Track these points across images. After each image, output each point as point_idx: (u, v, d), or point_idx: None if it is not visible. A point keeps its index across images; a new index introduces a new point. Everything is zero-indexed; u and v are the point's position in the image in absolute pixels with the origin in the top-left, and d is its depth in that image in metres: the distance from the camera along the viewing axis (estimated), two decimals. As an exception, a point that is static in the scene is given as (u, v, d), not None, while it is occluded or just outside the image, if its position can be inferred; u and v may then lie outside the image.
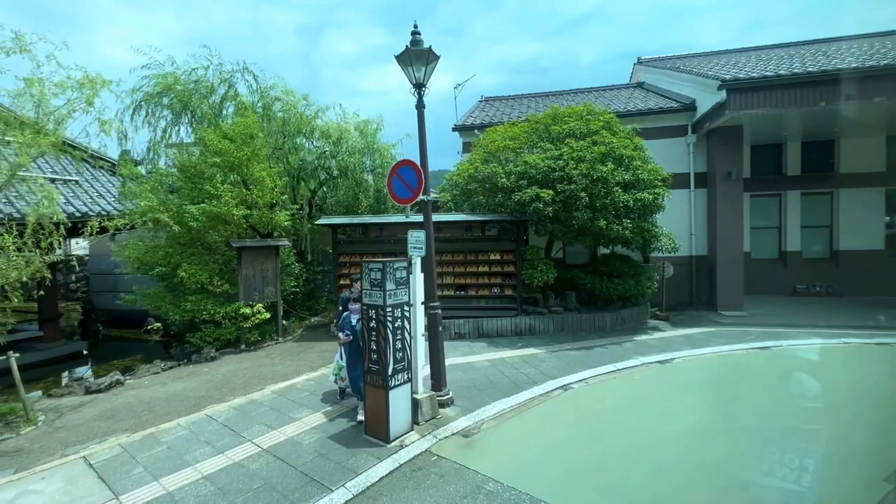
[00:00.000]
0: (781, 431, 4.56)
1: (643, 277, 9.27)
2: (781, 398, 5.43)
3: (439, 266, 9.01)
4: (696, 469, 3.97)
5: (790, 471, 3.83)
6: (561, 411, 5.33)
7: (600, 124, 8.56)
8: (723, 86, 9.10)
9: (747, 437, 4.51)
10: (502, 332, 8.64)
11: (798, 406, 5.21)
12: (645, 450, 4.30)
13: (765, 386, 5.89)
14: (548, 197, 7.76)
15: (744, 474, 3.86)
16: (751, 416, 4.97)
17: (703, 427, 4.74)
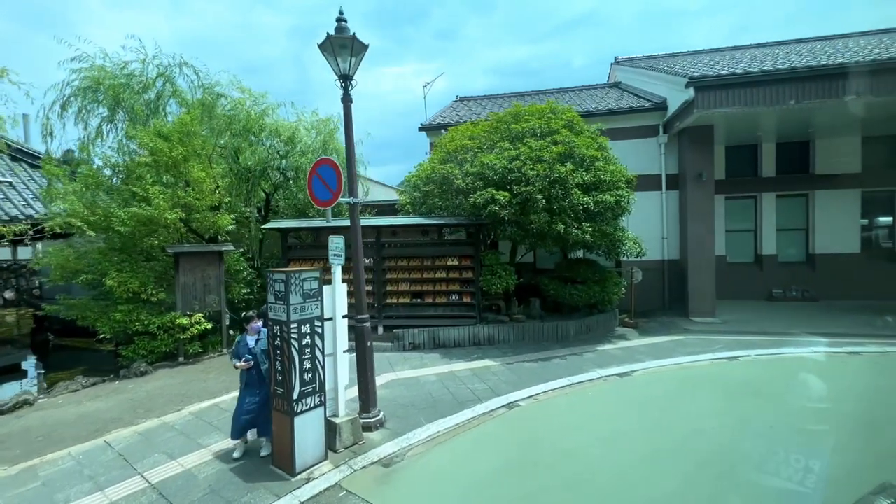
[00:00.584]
0: (740, 455, 4.13)
1: (610, 283, 8.86)
2: (743, 416, 5.01)
3: (394, 272, 8.55)
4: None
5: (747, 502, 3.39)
6: (499, 434, 4.86)
7: (561, 123, 8.14)
8: (690, 83, 8.74)
9: (704, 463, 4.07)
10: (459, 343, 8.17)
11: (760, 426, 4.79)
12: (586, 482, 3.84)
13: (727, 401, 5.47)
14: (504, 199, 7.32)
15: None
16: (709, 437, 4.53)
17: (655, 452, 4.29)
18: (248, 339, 4.31)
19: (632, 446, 4.43)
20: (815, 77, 8.24)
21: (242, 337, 4.37)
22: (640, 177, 10.91)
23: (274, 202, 10.23)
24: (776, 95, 8.45)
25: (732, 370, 6.65)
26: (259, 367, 4.22)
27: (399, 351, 8.02)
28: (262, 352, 4.17)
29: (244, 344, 4.29)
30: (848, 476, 3.70)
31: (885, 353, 7.11)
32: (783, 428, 4.66)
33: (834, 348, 7.41)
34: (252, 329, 4.33)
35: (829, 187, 11.63)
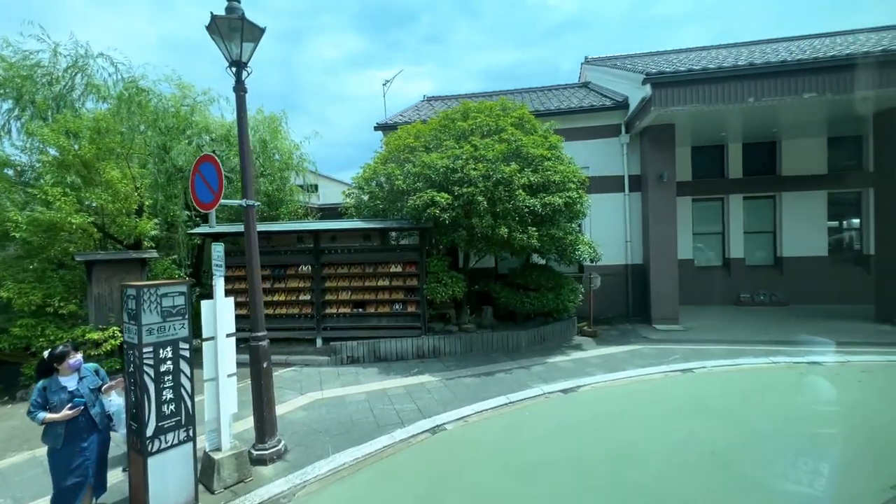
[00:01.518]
0: (673, 488, 3.63)
1: (565, 290, 8.38)
2: (685, 439, 4.53)
3: (333, 280, 7.97)
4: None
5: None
6: (410, 466, 4.30)
7: (509, 121, 7.66)
8: (647, 80, 8.34)
9: (630, 497, 3.57)
10: (402, 356, 7.61)
11: (701, 451, 4.31)
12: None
13: (670, 422, 4.99)
14: (444, 201, 6.80)
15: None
16: (641, 466, 4.04)
17: (577, 485, 3.78)
18: (64, 380, 3.29)
19: (553, 478, 3.91)
20: (774, 74, 7.89)
21: (51, 380, 3.26)
22: (602, 178, 10.56)
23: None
24: (735, 93, 8.09)
25: (684, 385, 6.20)
26: (89, 412, 3.31)
27: (336, 365, 7.44)
28: (92, 391, 3.39)
29: (57, 389, 3.23)
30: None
31: (845, 363, 6.73)
32: (725, 453, 4.18)
33: (794, 358, 7.02)
34: (70, 366, 3.29)
35: (795, 189, 11.36)
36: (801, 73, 7.83)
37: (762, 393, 5.74)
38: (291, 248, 8.12)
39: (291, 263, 8.03)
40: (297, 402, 5.92)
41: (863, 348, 7.43)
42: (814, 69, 7.76)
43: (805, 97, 7.87)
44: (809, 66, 7.75)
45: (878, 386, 5.77)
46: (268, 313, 8.02)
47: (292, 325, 8.02)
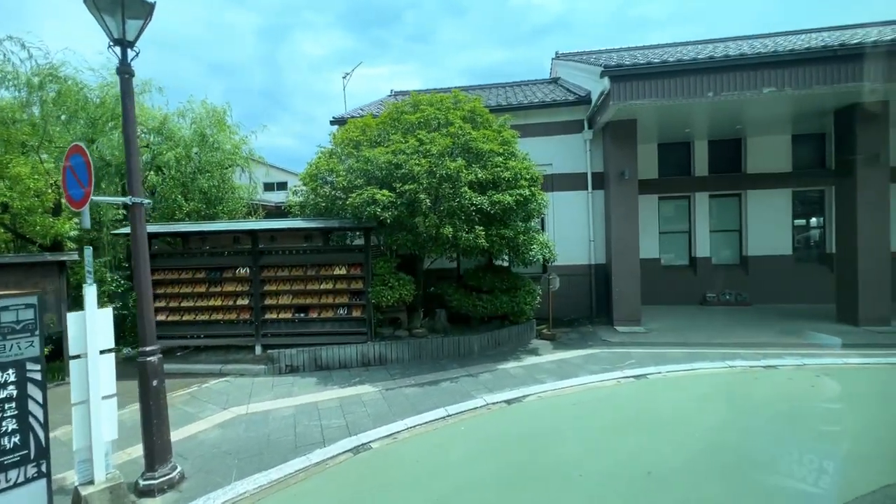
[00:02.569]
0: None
1: (521, 292, 8.02)
2: (625, 458, 4.18)
3: (273, 283, 7.45)
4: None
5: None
6: (322, 492, 3.86)
7: (459, 114, 7.25)
8: (605, 72, 8.02)
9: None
10: (346, 363, 7.15)
11: (638, 471, 3.96)
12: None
13: (613, 437, 4.65)
14: (385, 199, 6.35)
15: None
16: (573, 491, 3.67)
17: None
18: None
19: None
20: (733, 68, 7.65)
21: None
22: (565, 175, 10.25)
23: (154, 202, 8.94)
24: (695, 87, 7.82)
25: (635, 393, 5.89)
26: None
27: (273, 375, 6.94)
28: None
29: None
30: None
31: (801, 366, 6.51)
32: (663, 473, 3.84)
33: (751, 361, 6.78)
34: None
35: (760, 187, 11.23)
36: (760, 66, 7.60)
37: (713, 401, 5.45)
38: (228, 250, 7.58)
39: (228, 266, 7.49)
40: (215, 419, 5.42)
41: (820, 350, 7.25)
42: (773, 63, 7.53)
43: (765, 92, 7.64)
44: (768, 59, 7.53)
45: (829, 392, 5.54)
46: (203, 319, 7.50)
47: (230, 331, 7.49)
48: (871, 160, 8.27)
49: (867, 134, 8.34)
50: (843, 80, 7.41)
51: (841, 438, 4.32)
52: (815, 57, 7.40)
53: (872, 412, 4.88)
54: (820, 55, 7.37)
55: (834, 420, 4.73)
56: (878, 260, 8.35)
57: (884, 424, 4.57)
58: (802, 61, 7.46)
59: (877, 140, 8.31)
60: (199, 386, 6.57)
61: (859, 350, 7.16)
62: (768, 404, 5.24)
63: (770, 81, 7.60)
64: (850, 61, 7.34)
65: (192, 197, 8.23)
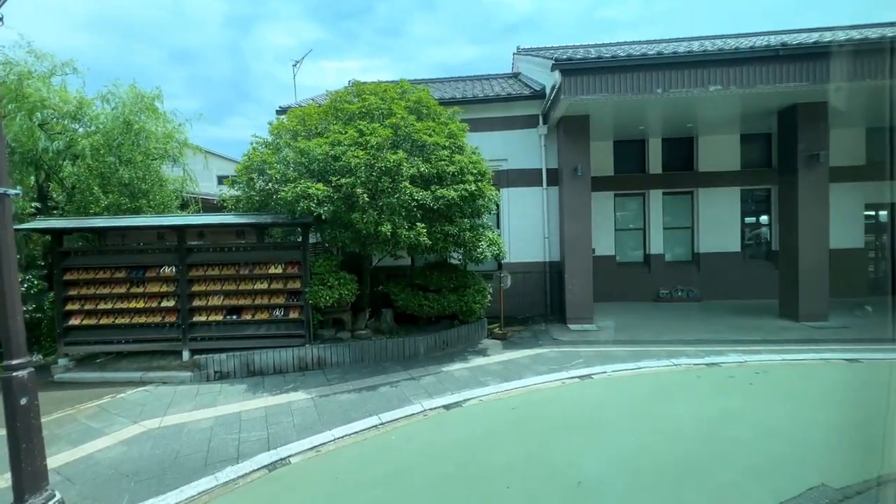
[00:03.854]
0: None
1: (471, 291, 7.79)
2: (557, 466, 3.98)
3: (203, 283, 6.91)
4: None
5: None
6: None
7: (403, 104, 6.90)
8: (556, 66, 7.86)
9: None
10: (282, 368, 6.71)
11: (568, 483, 3.77)
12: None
13: (549, 442, 4.45)
14: (320, 194, 5.94)
15: None
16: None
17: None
18: None
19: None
20: (681, 65, 7.63)
21: None
22: (520, 171, 10.09)
23: (56, 194, 8.11)
24: (644, 83, 7.76)
25: (577, 394, 5.74)
26: None
27: (200, 382, 6.43)
28: None
29: None
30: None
31: (742, 363, 6.56)
32: (593, 483, 3.65)
33: (695, 359, 6.78)
34: None
35: (711, 185, 11.42)
36: (706, 64, 7.60)
37: (654, 402, 5.35)
38: (152, 247, 6.97)
39: (152, 264, 6.88)
40: (122, 435, 4.90)
41: (762, 346, 7.36)
42: (718, 61, 7.56)
43: (711, 90, 7.66)
44: (714, 57, 7.54)
45: (767, 390, 5.55)
46: (124, 323, 6.88)
47: (153, 335, 6.90)
48: (810, 160, 8.47)
49: (807, 134, 8.53)
50: (783, 80, 7.51)
51: (774, 439, 4.26)
52: (758, 56, 7.46)
53: (804, 412, 4.88)
54: (762, 55, 7.44)
55: (768, 420, 4.69)
56: (818, 257, 8.58)
57: (814, 424, 4.57)
58: (746, 60, 7.51)
59: (816, 140, 8.52)
60: (113, 397, 5.99)
61: (797, 346, 7.30)
62: (707, 404, 5.18)
63: (716, 79, 7.62)
64: (791, 61, 7.45)
65: (112, 189, 7.53)
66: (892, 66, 7.36)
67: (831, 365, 6.39)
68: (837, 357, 6.63)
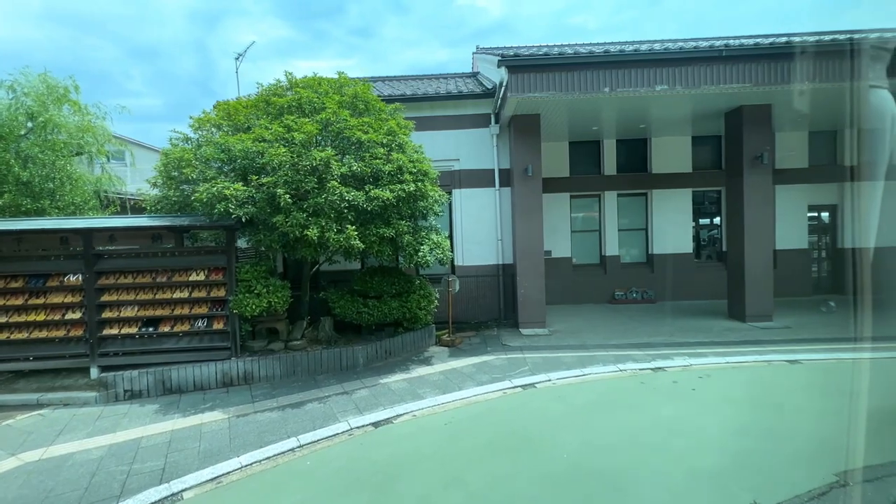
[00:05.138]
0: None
1: (416, 296, 7.41)
2: (483, 490, 3.65)
3: (114, 293, 6.26)
4: None
5: None
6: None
7: (337, 99, 6.46)
8: (502, 62, 7.61)
9: None
10: (204, 385, 6.14)
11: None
12: None
13: (480, 462, 4.11)
14: (238, 194, 5.43)
15: None
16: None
17: None
18: None
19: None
20: (628, 63, 7.51)
21: None
22: (473, 171, 9.80)
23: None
24: (591, 82, 7.60)
25: (517, 405, 5.44)
26: None
27: (106, 403, 5.78)
28: None
29: None
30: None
31: (687, 367, 6.44)
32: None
33: (641, 364, 6.62)
34: None
35: (664, 186, 11.46)
36: (653, 63, 7.51)
37: (591, 412, 5.10)
38: (55, 253, 6.25)
39: (54, 272, 6.18)
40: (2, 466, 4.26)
41: (709, 348, 7.30)
42: (665, 60, 7.48)
43: (657, 89, 7.57)
44: (660, 57, 7.46)
45: (708, 395, 5.40)
46: (20, 338, 6.15)
47: (57, 351, 6.18)
48: (755, 162, 8.53)
49: (752, 136, 8.59)
50: (727, 81, 7.50)
51: (708, 451, 4.07)
52: (702, 57, 7.42)
53: (742, 418, 4.75)
54: (706, 55, 7.41)
55: (705, 429, 4.51)
56: (763, 258, 8.65)
57: (750, 432, 4.41)
58: (691, 60, 7.46)
59: (761, 142, 8.59)
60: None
61: (743, 347, 7.28)
62: (646, 413, 4.98)
63: (662, 79, 7.54)
64: (734, 62, 7.44)
65: (9, 189, 6.73)
66: (831, 71, 7.46)
67: (773, 367, 6.35)
68: (780, 359, 6.62)
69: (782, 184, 11.28)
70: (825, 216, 11.75)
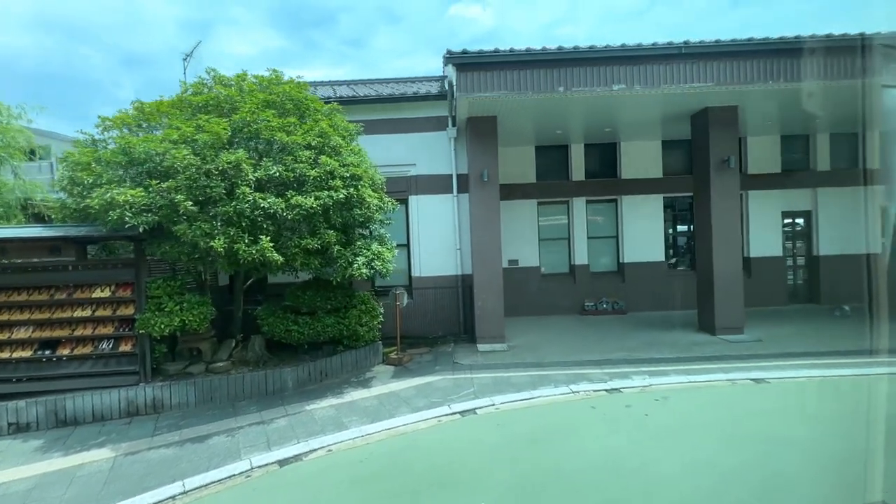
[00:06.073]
0: None
1: (356, 311, 6.83)
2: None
3: (5, 311, 5.59)
4: None
5: None
6: None
7: (262, 97, 5.89)
8: (449, 59, 7.14)
9: None
10: (105, 415, 5.47)
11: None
12: None
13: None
14: (135, 201, 4.82)
15: None
16: None
17: None
18: None
19: None
20: (582, 61, 7.07)
21: None
22: (430, 177, 9.29)
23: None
24: (544, 81, 7.13)
25: (450, 436, 4.85)
26: None
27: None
28: None
29: None
30: None
31: (646, 387, 5.90)
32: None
33: (597, 384, 6.08)
34: None
35: (635, 192, 11.02)
36: (609, 61, 7.08)
37: (529, 445, 4.52)
38: None
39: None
40: None
41: (672, 365, 6.79)
42: (622, 58, 7.05)
43: (615, 89, 7.12)
44: (617, 54, 7.03)
45: (661, 421, 4.86)
46: None
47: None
48: (722, 166, 8.10)
49: (719, 139, 8.17)
50: (689, 81, 7.08)
51: (653, 492, 3.52)
52: (661, 54, 7.01)
53: (693, 450, 4.20)
54: (665, 52, 6.99)
55: (652, 464, 3.96)
56: (732, 266, 8.19)
57: (702, 466, 3.86)
58: (649, 58, 7.04)
59: (728, 145, 8.16)
60: None
61: (708, 364, 6.76)
62: (590, 444, 4.42)
63: (620, 78, 7.10)
64: (695, 60, 7.03)
65: None
66: (800, 70, 7.08)
67: (737, 387, 5.84)
68: (745, 377, 6.10)
69: (755, 189, 10.91)
70: (800, 222, 11.36)
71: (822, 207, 11.01)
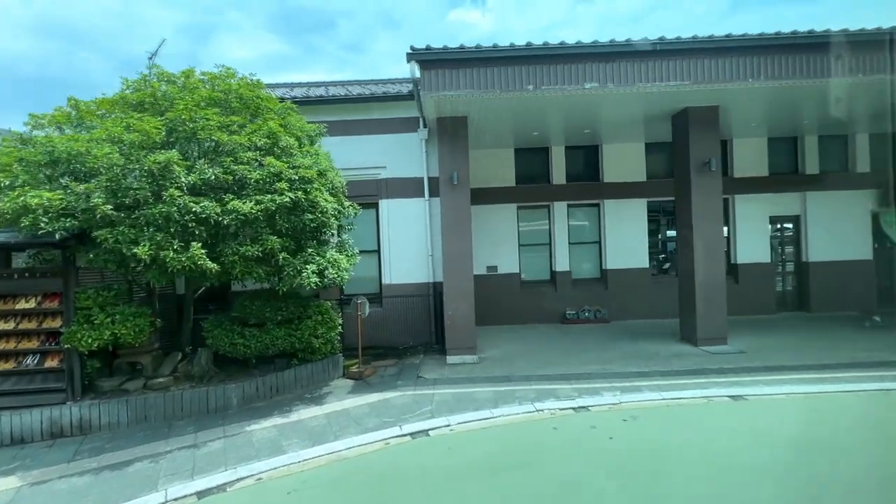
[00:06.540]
0: None
1: (310, 322, 6.41)
2: None
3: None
4: None
5: None
6: None
7: (204, 94, 5.51)
8: (412, 56, 6.76)
9: None
10: (25, 436, 5.03)
11: None
12: None
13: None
14: (54, 204, 4.42)
15: None
16: None
17: None
18: None
19: None
20: (552, 58, 6.70)
21: None
22: (400, 180, 8.90)
23: None
24: (512, 79, 6.77)
25: (396, 461, 4.42)
26: None
27: None
28: None
29: None
30: None
31: (616, 405, 5.48)
32: None
33: (564, 402, 5.66)
34: None
35: (618, 196, 10.65)
36: (581, 58, 6.72)
37: (478, 473, 4.09)
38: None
39: None
40: None
41: (647, 380, 6.37)
42: (593, 55, 6.69)
43: (587, 87, 6.76)
44: (588, 51, 6.67)
45: (625, 446, 4.44)
46: None
47: None
48: (703, 168, 7.73)
49: (699, 141, 7.81)
50: (664, 79, 6.72)
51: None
52: (635, 51, 6.65)
53: (660, 483, 3.77)
54: (639, 49, 6.63)
55: (614, 497, 3.54)
56: (714, 274, 7.79)
57: (666, 502, 3.44)
58: (623, 55, 6.68)
59: (709, 147, 7.80)
60: None
61: (686, 379, 6.35)
62: (541, 474, 3.99)
63: (592, 76, 6.74)
64: (671, 57, 6.68)
65: None
66: (781, 69, 6.74)
67: (712, 405, 5.43)
68: (722, 394, 5.69)
69: (742, 193, 10.54)
70: (788, 227, 10.98)
71: (811, 212, 10.64)
